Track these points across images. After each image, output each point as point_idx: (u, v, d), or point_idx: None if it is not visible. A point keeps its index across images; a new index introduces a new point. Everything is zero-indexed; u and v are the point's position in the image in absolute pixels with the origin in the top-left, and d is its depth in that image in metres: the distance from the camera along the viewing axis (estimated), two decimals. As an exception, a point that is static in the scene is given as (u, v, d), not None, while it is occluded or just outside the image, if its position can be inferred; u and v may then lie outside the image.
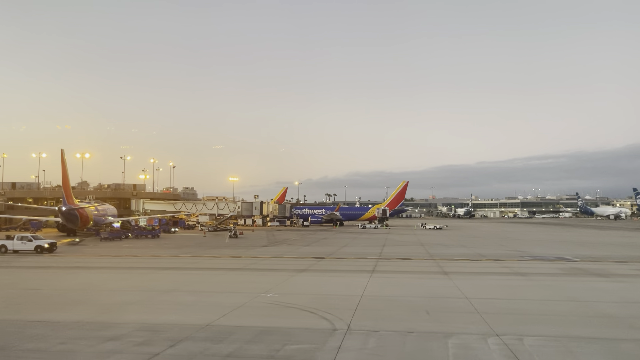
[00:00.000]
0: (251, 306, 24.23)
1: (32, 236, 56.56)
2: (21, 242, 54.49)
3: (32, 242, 54.55)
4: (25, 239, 55.08)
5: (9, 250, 54.02)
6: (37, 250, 53.86)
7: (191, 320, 21.22)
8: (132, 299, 26.22)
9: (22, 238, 55.39)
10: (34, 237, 56.57)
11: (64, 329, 19.71)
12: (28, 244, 54.31)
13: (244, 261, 46.72)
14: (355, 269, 40.45)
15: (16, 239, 54.94)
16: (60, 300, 26.66)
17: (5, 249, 54.21)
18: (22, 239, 55.24)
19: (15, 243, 54.40)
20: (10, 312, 23.31)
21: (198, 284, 32.07)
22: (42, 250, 53.94)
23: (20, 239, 55.03)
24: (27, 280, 34.62)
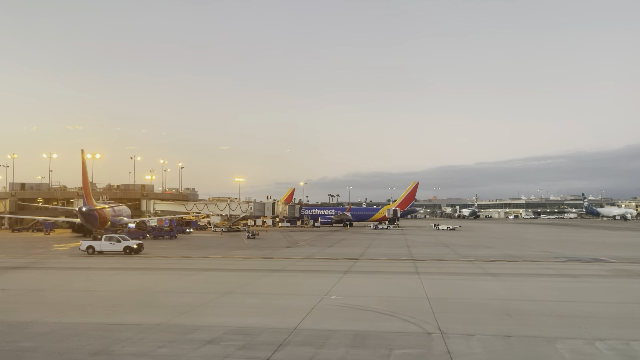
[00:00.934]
0: (324, 309, 23.83)
1: (120, 237, 55.58)
2: (109, 243, 53.51)
3: (121, 242, 53.58)
4: (114, 240, 54.06)
5: (97, 251, 53.06)
6: (125, 251, 52.88)
7: (274, 323, 20.85)
8: (197, 301, 25.78)
9: (110, 239, 54.32)
10: (122, 237, 55.43)
11: (151, 331, 19.34)
12: (116, 245, 53.36)
13: (279, 262, 46.28)
14: (398, 271, 40.13)
15: (104, 240, 54.03)
16: (123, 301, 26.26)
17: (93, 249, 53.30)
18: (110, 239, 54.20)
19: (103, 244, 53.53)
20: (84, 315, 22.91)
21: (251, 286, 31.63)
22: (131, 251, 52.96)
23: (108, 240, 54.04)
24: (90, 281, 34.23)
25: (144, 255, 52.68)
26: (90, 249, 53.40)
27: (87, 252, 53.21)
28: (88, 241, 55.09)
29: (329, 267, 42.93)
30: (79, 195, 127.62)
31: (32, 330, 19.77)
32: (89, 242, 54.89)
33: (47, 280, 34.62)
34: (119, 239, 54.29)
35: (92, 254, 52.61)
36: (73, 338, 18.52)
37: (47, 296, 28.16)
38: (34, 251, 59.42)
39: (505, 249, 62.07)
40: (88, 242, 54.76)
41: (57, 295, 28.54)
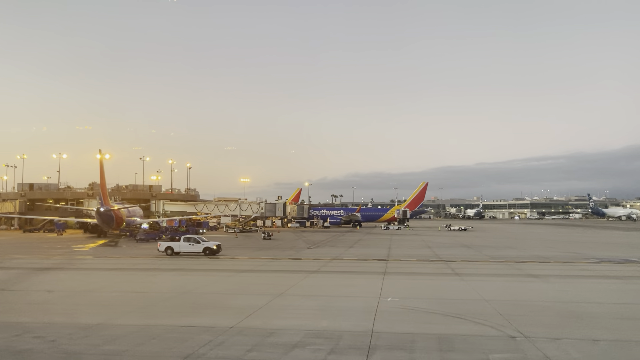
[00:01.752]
0: (387, 311, 23.53)
1: (198, 238, 54.33)
2: (188, 244, 52.49)
3: (200, 244, 52.55)
4: (192, 241, 52.96)
5: (176, 252, 52.03)
6: (205, 253, 51.92)
7: (348, 326, 20.58)
8: (254, 303, 25.40)
9: (188, 240, 53.27)
10: (200, 238, 54.06)
11: (229, 334, 19.03)
12: (196, 246, 52.35)
13: (310, 263, 45.91)
14: (435, 272, 39.78)
15: (182, 241, 52.87)
16: (179, 303, 25.91)
17: (172, 250, 52.23)
18: (189, 240, 53.14)
19: (181, 245, 52.44)
20: (149, 316, 22.58)
21: (300, 288, 31.18)
22: (211, 253, 51.99)
23: (187, 241, 52.95)
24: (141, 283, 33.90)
25: (223, 256, 51.46)
26: (169, 250, 52.16)
27: (165, 253, 51.96)
28: (166, 242, 53.45)
29: (363, 269, 42.70)
30: (89, 196, 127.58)
31: (106, 332, 19.46)
32: (168, 243, 53.30)
33: (90, 281, 34.22)
34: (198, 240, 52.92)
35: (171, 255, 51.45)
36: (153, 341, 18.23)
37: (99, 297, 27.81)
38: (55, 252, 59.06)
39: (529, 250, 61.82)
40: (166, 243, 53.12)
41: (108, 296, 28.19)
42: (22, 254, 56.16)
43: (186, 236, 54.54)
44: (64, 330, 19.78)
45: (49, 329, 20.02)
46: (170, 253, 52.02)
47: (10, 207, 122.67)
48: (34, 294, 29.18)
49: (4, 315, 22.76)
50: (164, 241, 54.00)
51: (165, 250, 52.29)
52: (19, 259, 50.03)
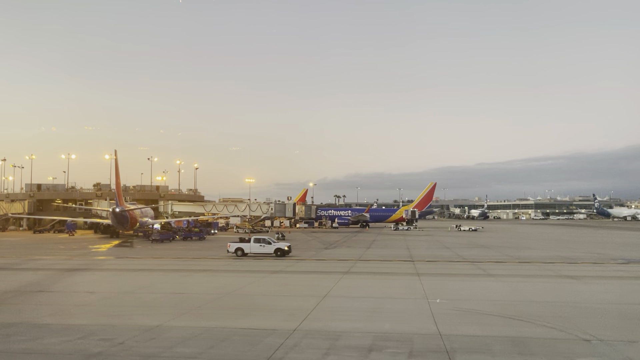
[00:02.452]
0: (443, 313, 23.18)
1: (269, 239, 52.77)
2: (259, 245, 51.22)
3: (271, 245, 51.18)
4: (264, 242, 51.60)
5: (246, 253, 50.94)
6: (276, 254, 50.69)
7: (413, 328, 20.33)
8: (304, 305, 25.02)
9: (259, 241, 51.88)
10: (270, 239, 52.54)
11: (296, 337, 18.69)
12: (267, 247, 51.11)
13: (337, 264, 45.62)
14: (469, 273, 39.42)
15: (253, 242, 51.55)
16: (228, 304, 25.60)
17: (242, 252, 51.14)
18: (260, 241, 51.75)
19: (252, 246, 51.20)
20: (204, 318, 22.27)
21: (340, 289, 30.66)
22: (282, 254, 50.74)
23: (258, 242, 51.63)
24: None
25: (292, 257, 50.41)
26: (239, 251, 51.10)
27: (235, 255, 50.95)
28: (236, 243, 51.91)
29: (392, 269, 42.42)
30: (98, 196, 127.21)
31: (171, 335, 19.14)
32: (237, 244, 51.73)
33: (127, 283, 33.92)
34: (269, 241, 51.64)
35: (241, 257, 50.39)
36: (223, 344, 17.92)
37: (143, 299, 27.47)
38: (73, 252, 58.73)
39: (549, 250, 61.64)
40: (236, 244, 51.63)
41: (151, 297, 27.85)
42: (41, 254, 55.82)
43: (257, 237, 52.99)
44: (126, 332, 19.46)
45: (110, 331, 19.70)
46: (241, 254, 50.82)
47: (19, 207, 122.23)
48: (76, 296, 28.88)
49: (57, 317, 22.42)
50: (233, 242, 52.61)
51: (235, 252, 51.04)
52: (40, 260, 49.68)
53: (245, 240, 52.51)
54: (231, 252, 51.49)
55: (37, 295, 28.82)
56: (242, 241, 52.54)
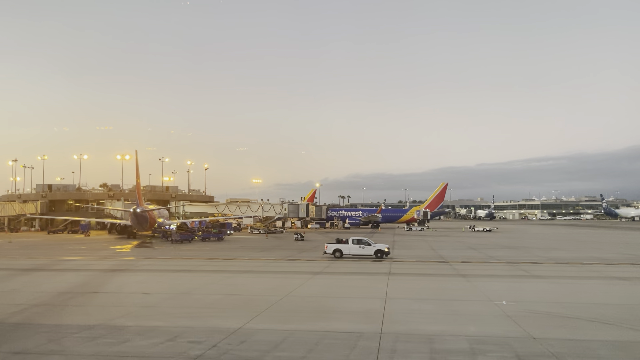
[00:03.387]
0: (520, 315, 22.78)
1: (369, 240, 50.96)
2: (358, 247, 49.75)
3: (371, 246, 49.66)
4: (363, 243, 50.03)
5: (345, 254, 49.85)
6: (376, 255, 49.21)
7: (499, 332, 19.90)
8: (371, 307, 24.62)
9: (359, 242, 50.20)
10: (370, 241, 50.89)
11: (388, 340, 18.32)
12: (367, 249, 49.63)
13: (373, 265, 45.16)
14: (515, 274, 39.03)
15: (352, 243, 50.15)
16: (295, 306, 25.18)
17: (341, 253, 49.92)
18: (359, 242, 50.07)
19: (351, 247, 49.88)
20: (282, 320, 21.88)
21: (398, 290, 30.08)
22: (382, 255, 49.32)
23: (357, 243, 50.01)
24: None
25: (391, 259, 49.06)
26: (338, 253, 49.84)
27: (333, 256, 49.79)
28: (334, 244, 50.67)
29: (434, 271, 41.93)
30: (110, 197, 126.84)
31: (259, 338, 18.75)
32: (336, 245, 50.44)
33: (178, 283, 33.42)
34: (369, 243, 50.09)
35: (340, 258, 49.30)
36: (318, 347, 17.54)
37: (203, 300, 27.04)
38: (99, 253, 58.38)
39: (579, 252, 61.26)
40: (334, 246, 50.37)
41: (213, 299, 27.40)
42: (68, 255, 55.47)
43: (356, 238, 51.14)
44: (211, 334, 19.08)
45: (194, 333, 19.32)
46: (339, 256, 49.70)
47: (31, 208, 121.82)
48: (134, 297, 28.44)
49: (131, 319, 22.00)
50: (330, 243, 51.40)
51: (333, 253, 49.91)
52: (72, 261, 49.31)
53: (342, 242, 51.22)
54: (329, 253, 50.28)
55: (95, 297, 28.41)
56: (339, 242, 51.25)
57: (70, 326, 20.53)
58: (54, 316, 22.93)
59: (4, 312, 23.51)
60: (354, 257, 49.66)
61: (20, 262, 47.63)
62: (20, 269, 41.97)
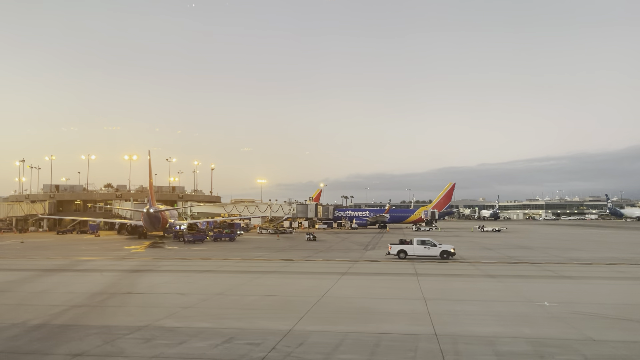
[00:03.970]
0: (570, 317, 22.47)
1: (434, 240, 49.92)
2: (423, 247, 48.70)
3: (437, 247, 48.67)
4: (428, 244, 48.98)
5: (409, 255, 48.93)
6: (442, 256, 48.27)
7: (555, 333, 19.60)
8: (415, 308, 24.36)
9: (423, 242, 49.24)
10: (435, 241, 49.90)
11: (448, 342, 18.01)
12: (432, 249, 48.61)
13: (396, 266, 44.93)
14: (543, 275, 38.61)
15: (416, 244, 49.20)
16: (336, 307, 24.86)
17: (405, 254, 48.99)
18: (424, 243, 49.06)
19: (416, 248, 48.94)
20: (330, 322, 21.59)
21: (436, 292, 29.69)
22: (448, 256, 48.33)
23: (422, 244, 49.05)
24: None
25: (457, 260, 48.32)
26: (402, 254, 48.94)
27: (398, 257, 48.94)
28: (398, 245, 49.87)
29: (459, 271, 41.43)
30: (117, 197, 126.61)
31: (315, 340, 18.42)
32: (400, 246, 49.63)
33: (209, 284, 33.19)
34: (434, 243, 49.25)
35: (404, 259, 48.40)
36: (380, 350, 17.24)
37: (243, 301, 26.74)
38: (115, 253, 58.19)
39: (597, 252, 60.87)
40: (398, 247, 49.53)
41: (251, 300, 27.05)
42: (85, 256, 55.25)
43: (420, 239, 50.20)
44: (265, 336, 18.79)
45: (248, 335, 19.04)
46: (404, 257, 48.88)
47: (40, 208, 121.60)
48: (170, 297, 28.09)
49: (177, 320, 21.68)
50: (394, 244, 50.54)
51: (397, 254, 49.10)
52: (92, 262, 49.01)
53: (406, 242, 50.48)
54: (393, 254, 49.46)
55: (130, 297, 28.11)
56: (403, 243, 50.47)
57: (119, 327, 20.24)
58: (98, 317, 22.66)
59: (44, 313, 23.22)
60: (418, 258, 48.82)
61: (40, 263, 47.36)
62: (42, 269, 41.67)
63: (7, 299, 27.57)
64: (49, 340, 18.40)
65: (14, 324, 20.86)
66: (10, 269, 42.61)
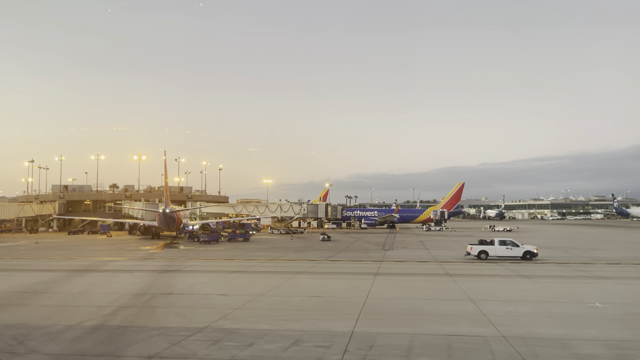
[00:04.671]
0: (626, 318, 22.25)
1: (515, 241, 48.41)
2: (505, 248, 47.28)
3: (519, 247, 47.15)
4: (510, 244, 47.48)
5: (490, 256, 47.66)
6: (525, 257, 46.80)
7: (624, 336, 19.30)
8: (469, 309, 24.09)
9: (504, 243, 47.84)
10: (517, 242, 48.53)
11: (518, 344, 17.70)
12: (514, 250, 47.07)
13: (426, 266, 44.70)
14: (580, 275, 38.31)
15: (497, 244, 47.78)
16: (386, 309, 24.55)
17: (486, 255, 47.69)
18: (505, 244, 47.74)
19: (497, 249, 47.46)
20: (395, 324, 21.26)
21: (477, 292, 29.61)
22: (531, 257, 46.90)
23: (503, 244, 47.73)
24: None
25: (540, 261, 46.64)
26: (483, 254, 47.66)
27: (478, 258, 47.69)
28: (478, 246, 48.51)
29: (490, 271, 40.95)
30: (127, 197, 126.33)
31: (384, 342, 18.09)
32: (481, 246, 48.19)
33: (249, 285, 32.76)
34: (516, 244, 47.75)
35: (485, 260, 47.20)
36: (456, 353, 16.90)
37: (289, 302, 26.37)
38: (133, 254, 57.92)
39: (618, 252, 60.65)
40: (479, 247, 48.13)
41: (297, 301, 26.64)
42: (106, 256, 54.94)
43: (501, 239, 48.91)
44: (330, 338, 18.45)
45: (312, 337, 18.68)
46: (484, 257, 47.62)
47: (50, 208, 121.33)
48: (212, 298, 27.75)
49: (232, 321, 21.32)
50: (475, 244, 49.44)
51: (478, 255, 47.92)
52: (114, 262, 48.66)
53: (487, 243, 49.24)
54: (473, 255, 48.34)
55: (173, 298, 27.71)
56: (483, 243, 49.34)
57: (177, 328, 19.92)
58: (150, 318, 22.32)
59: (95, 314, 22.90)
60: (499, 258, 47.73)
61: (64, 263, 47.04)
62: (69, 270, 41.31)
63: (48, 300, 27.25)
64: (113, 342, 18.08)
65: (69, 326, 20.53)
66: (36, 270, 42.32)
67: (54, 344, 17.87)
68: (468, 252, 49.35)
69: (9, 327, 20.34)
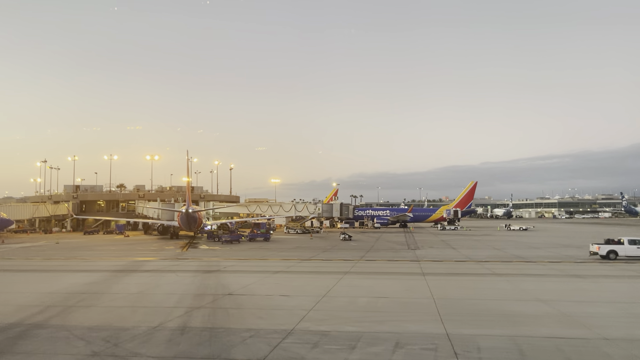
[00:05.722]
0: None
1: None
2: (636, 247, 44.98)
3: None
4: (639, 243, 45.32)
5: (620, 256, 45.71)
6: None
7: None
8: (541, 310, 23.63)
9: (634, 242, 45.28)
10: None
11: (596, 346, 17.21)
12: None
13: (470, 266, 44.21)
14: (619, 275, 37.83)
15: (627, 244, 45.41)
16: (454, 310, 24.06)
17: (615, 254, 45.60)
18: (635, 243, 45.22)
19: (627, 248, 45.22)
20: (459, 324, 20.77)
21: (541, 292, 29.15)
22: None
23: (634, 244, 45.20)
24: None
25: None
26: (613, 254, 45.66)
27: (607, 258, 45.86)
28: (607, 245, 46.60)
29: (535, 271, 40.53)
30: (140, 197, 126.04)
31: (490, 345, 17.55)
32: (610, 246, 46.24)
33: (302, 285, 32.44)
34: None
35: (615, 260, 45.36)
36: (571, 355, 16.39)
37: (358, 303, 25.70)
38: (162, 254, 57.54)
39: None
40: (609, 247, 46.17)
41: (363, 301, 26.10)
42: (137, 256, 54.53)
43: (631, 239, 46.55)
44: (429, 340, 18.01)
45: (409, 339, 18.19)
46: (614, 257, 45.63)
47: (63, 209, 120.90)
48: (277, 299, 27.15)
49: (316, 324, 20.75)
50: (600, 243, 47.81)
51: (607, 255, 45.91)
52: (150, 262, 48.25)
53: (615, 242, 47.15)
54: (601, 254, 46.57)
55: (237, 299, 27.12)
56: (611, 243, 47.32)
57: (266, 330, 19.43)
58: (230, 320, 21.75)
59: (170, 315, 22.40)
60: (629, 258, 45.98)
61: (100, 264, 46.61)
62: (110, 270, 40.80)
63: (112, 302, 26.78)
64: (209, 344, 17.59)
65: (153, 327, 20.02)
66: (77, 270, 41.91)
67: (150, 346, 17.37)
68: (594, 252, 47.38)
69: (92, 329, 19.83)
